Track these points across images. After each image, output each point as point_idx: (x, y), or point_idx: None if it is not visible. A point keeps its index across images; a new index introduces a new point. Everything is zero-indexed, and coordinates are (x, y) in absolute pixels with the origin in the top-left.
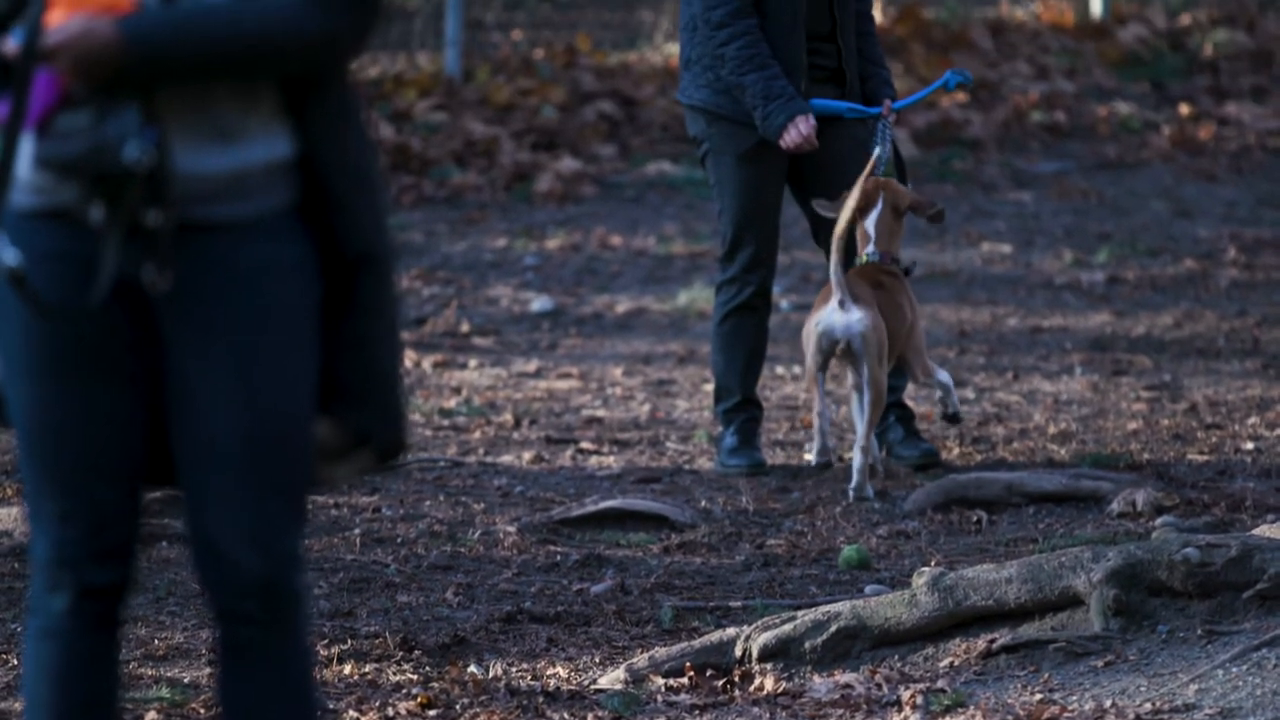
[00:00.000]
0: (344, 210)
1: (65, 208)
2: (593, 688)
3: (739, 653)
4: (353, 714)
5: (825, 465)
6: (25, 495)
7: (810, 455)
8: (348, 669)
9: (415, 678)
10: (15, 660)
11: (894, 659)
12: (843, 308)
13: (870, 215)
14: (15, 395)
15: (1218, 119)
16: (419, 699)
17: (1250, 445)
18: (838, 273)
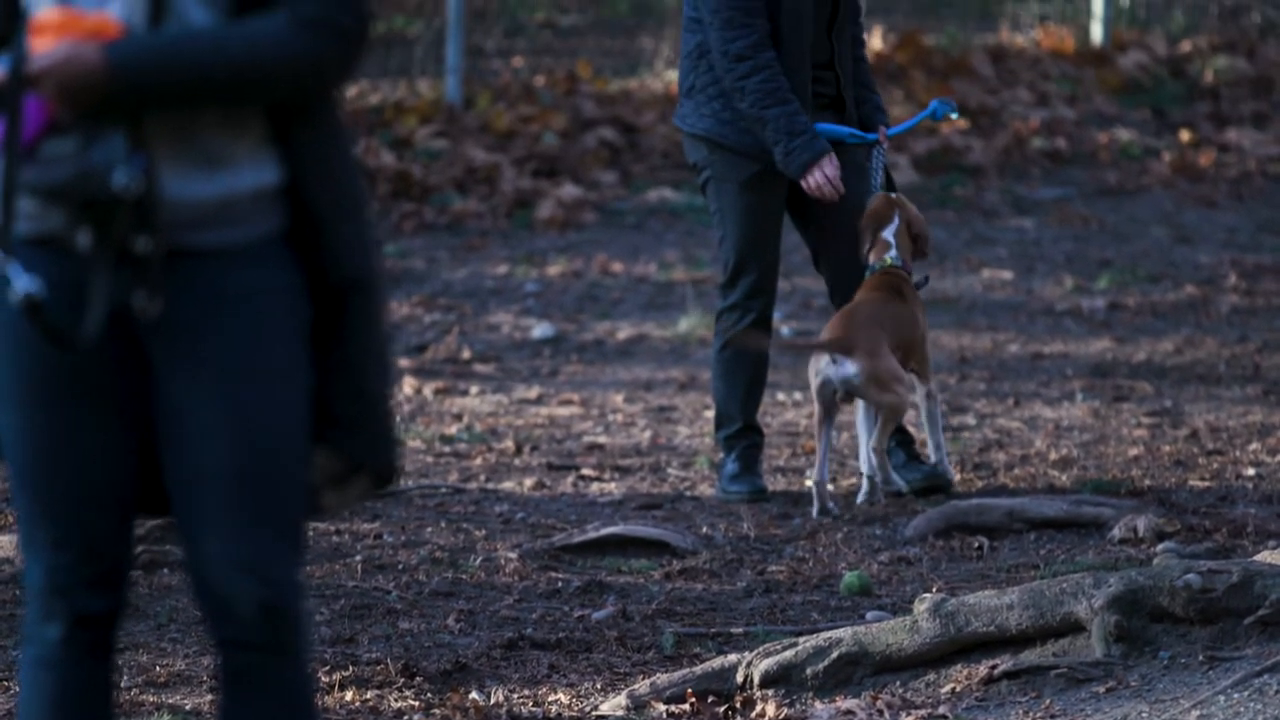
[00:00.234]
0: (331, 237)
1: (53, 234)
2: (594, 714)
3: (740, 679)
4: None
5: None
6: (19, 523)
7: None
8: (349, 695)
9: (417, 704)
10: (16, 687)
11: (896, 685)
12: (835, 363)
13: (889, 228)
14: (5, 423)
15: (1218, 145)
16: None
17: (1251, 471)
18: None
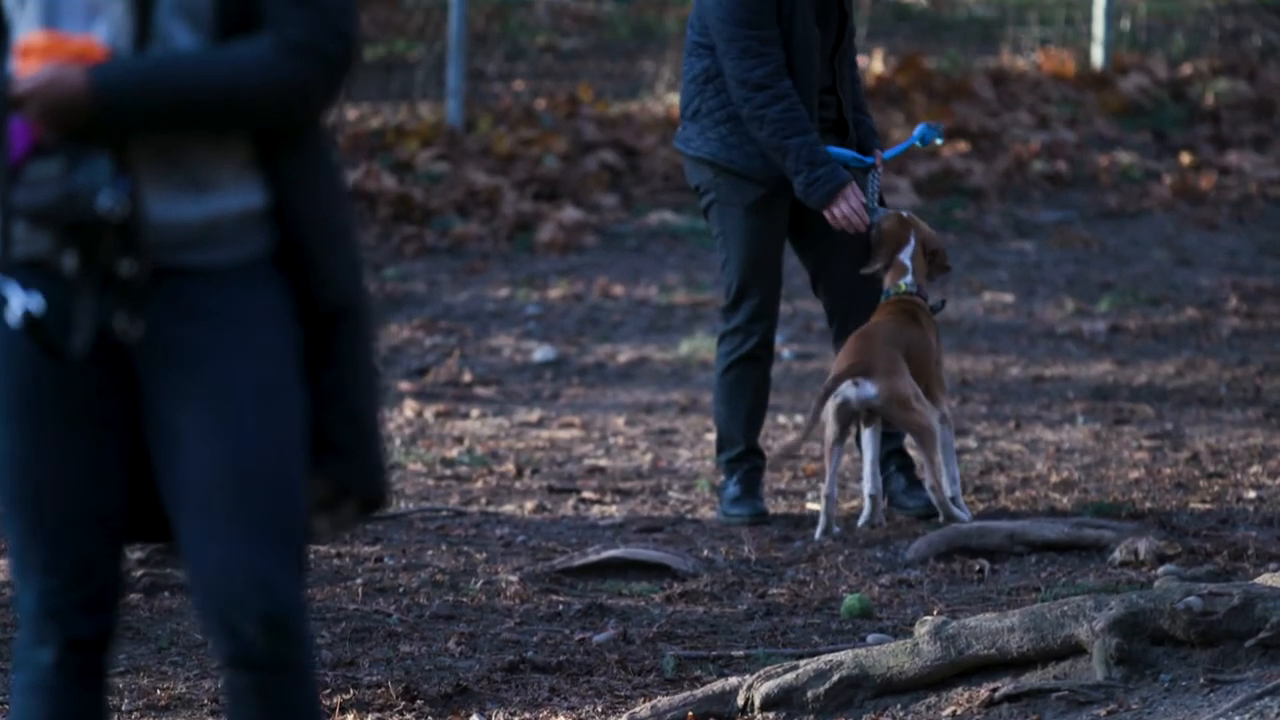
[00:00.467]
0: (319, 262)
1: (40, 257)
2: None
3: (741, 702)
4: None
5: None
6: (10, 548)
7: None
8: (350, 718)
9: None
10: (7, 712)
11: (896, 708)
12: (855, 384)
13: (905, 250)
14: None
15: (1219, 168)
16: None
17: (1252, 494)
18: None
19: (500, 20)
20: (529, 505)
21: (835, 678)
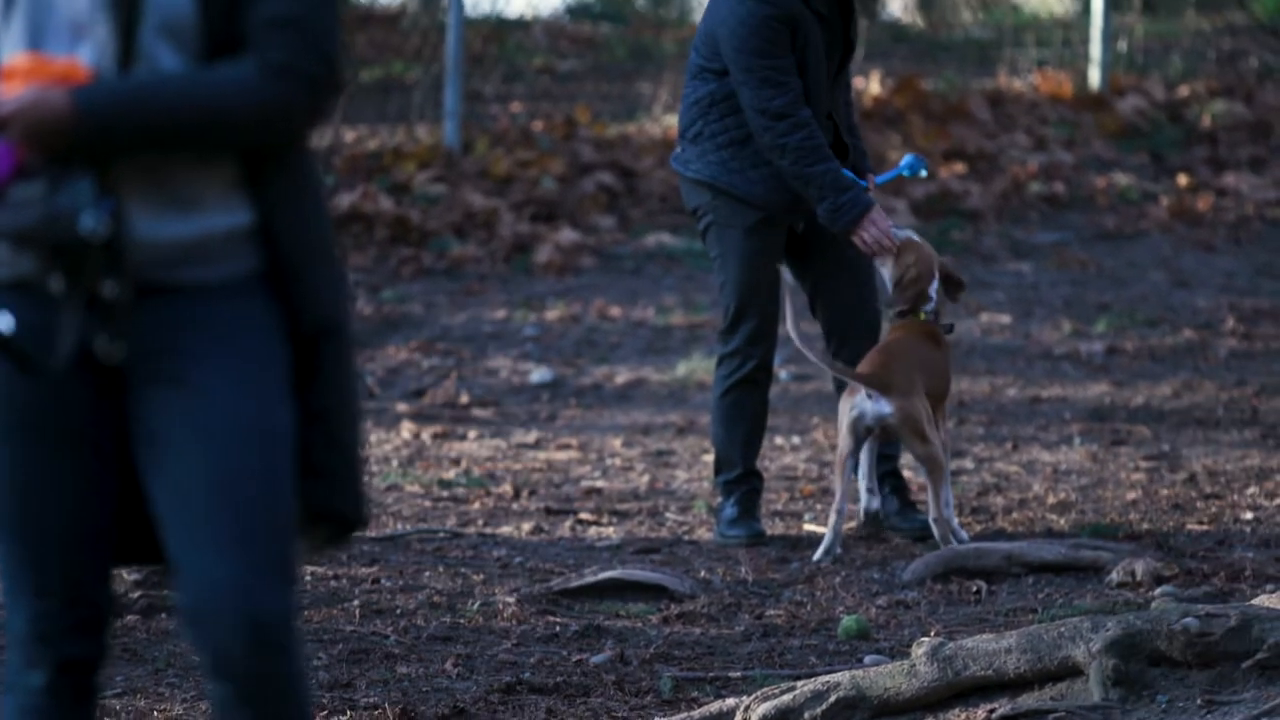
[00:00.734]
0: (302, 281)
1: (26, 278)
2: None
3: None
4: None
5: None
6: (1, 572)
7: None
8: None
9: None
10: None
11: None
12: (871, 398)
13: (933, 284)
14: None
15: (1216, 190)
16: None
17: (1249, 515)
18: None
19: (497, 42)
20: (526, 527)
21: (832, 699)
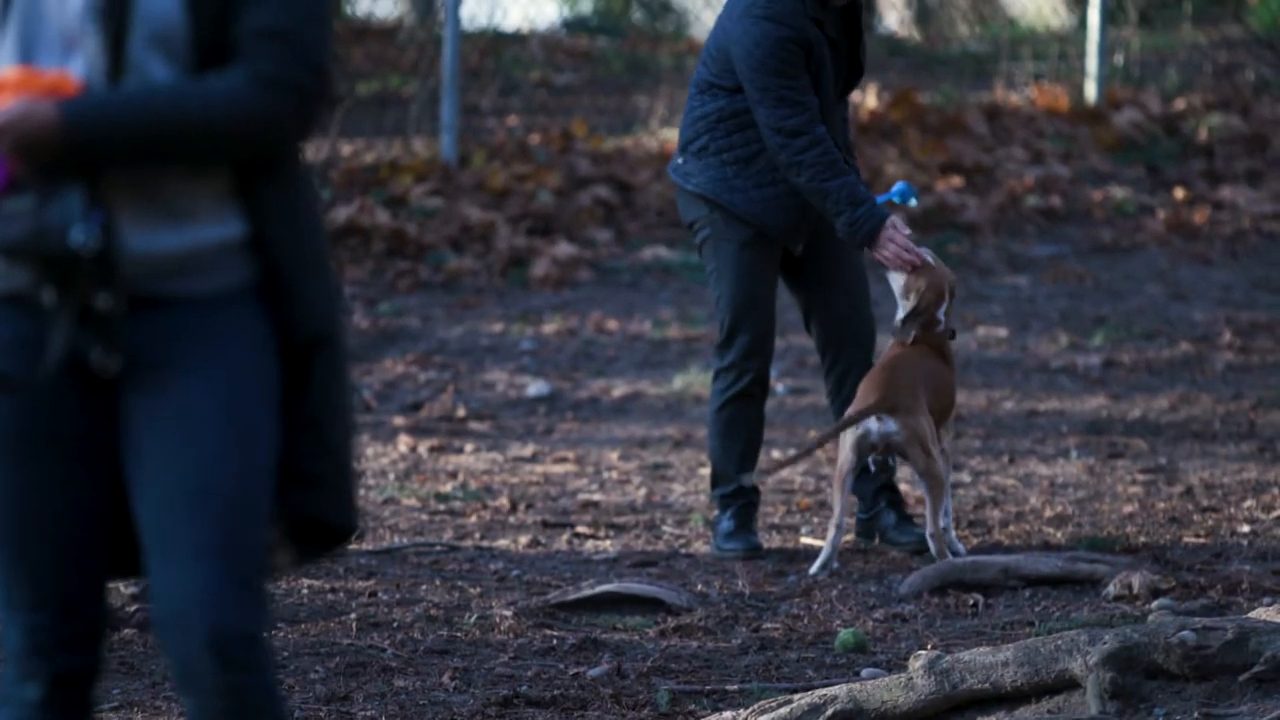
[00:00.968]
0: (295, 292)
1: (19, 291)
2: None
3: None
4: None
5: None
6: None
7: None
8: None
9: None
10: None
11: None
12: (879, 420)
13: (942, 307)
14: None
15: (1213, 203)
16: None
17: (1246, 528)
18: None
19: (494, 55)
20: (523, 540)
21: (829, 712)
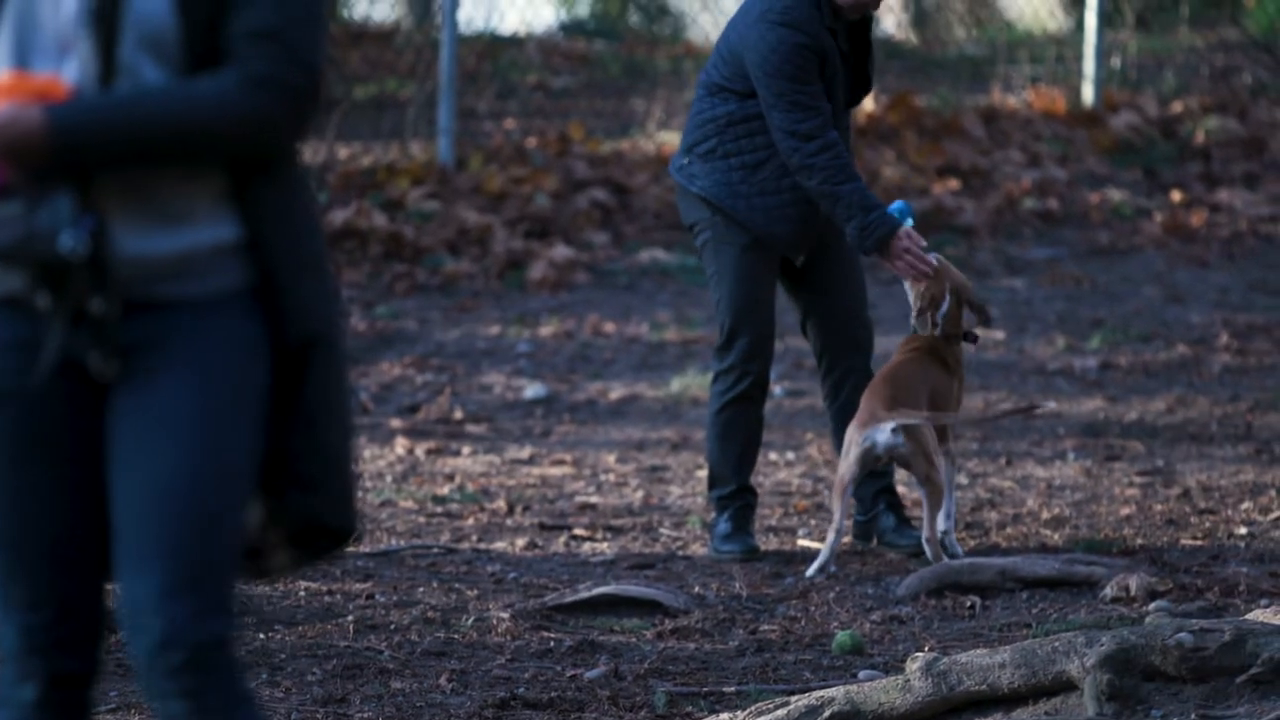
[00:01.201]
0: (290, 293)
1: (15, 295)
2: None
3: None
4: None
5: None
6: None
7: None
8: None
9: None
10: None
11: None
12: (884, 431)
13: (941, 308)
14: None
15: (1210, 205)
16: None
17: (1243, 530)
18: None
19: (491, 59)
20: (520, 542)
21: (827, 714)
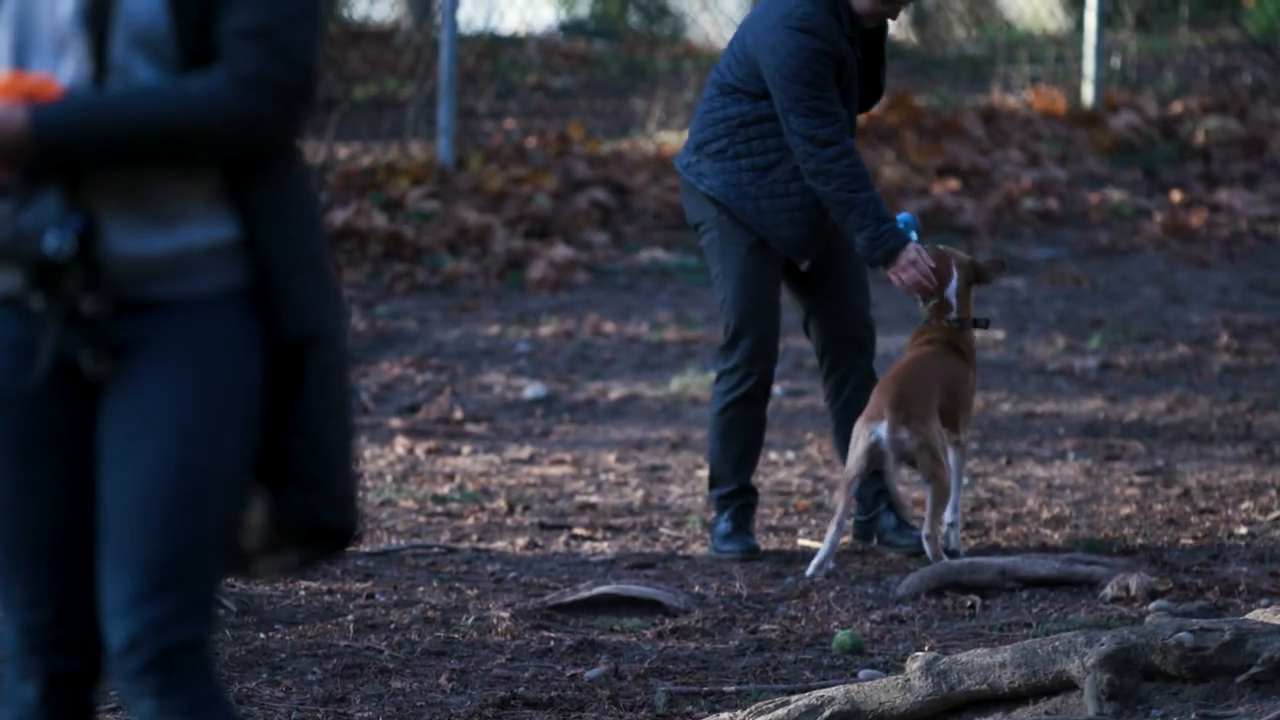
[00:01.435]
0: (285, 292)
1: (10, 295)
2: None
3: None
4: None
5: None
6: None
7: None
8: None
9: None
10: None
11: None
12: (890, 429)
13: (949, 287)
14: None
15: (1209, 205)
16: None
17: (1243, 530)
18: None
19: (491, 59)
20: (520, 542)
21: (827, 713)
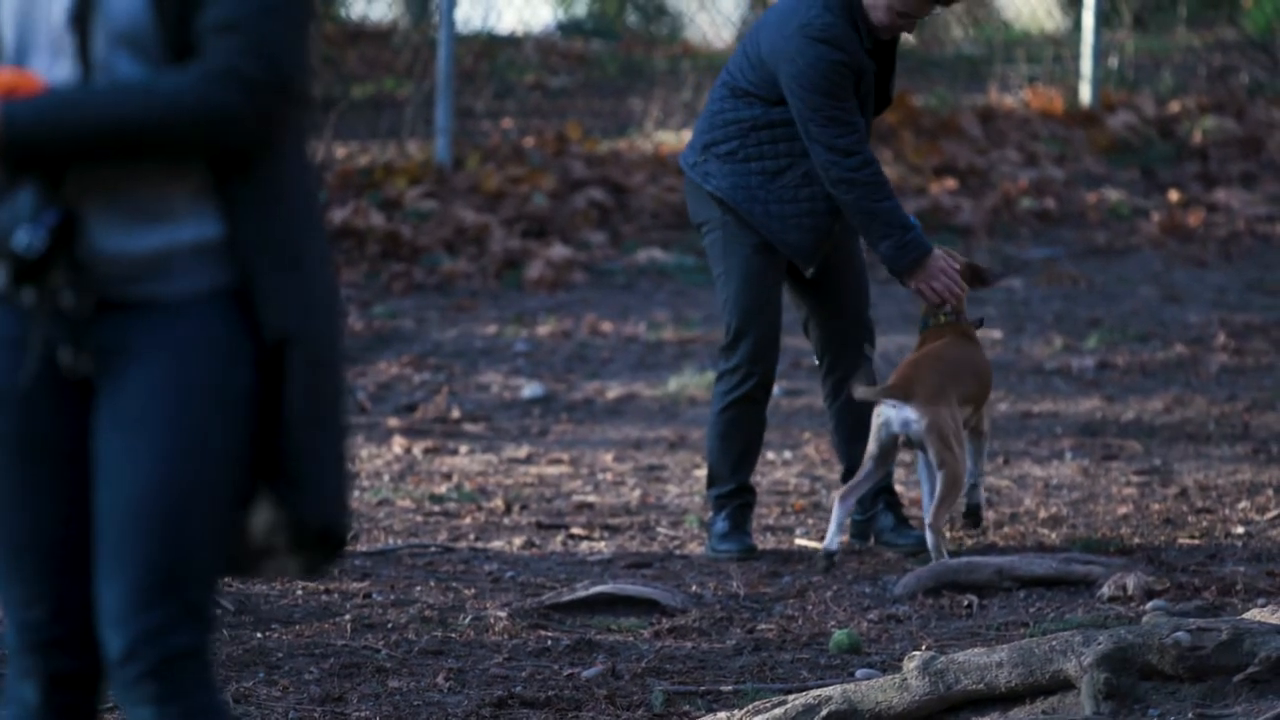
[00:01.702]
0: (263, 292)
1: (4, 293)
2: None
3: None
4: None
5: (830, 559)
6: None
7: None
8: None
9: None
10: None
11: None
12: (894, 408)
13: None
14: None
15: (1207, 205)
16: None
17: (1240, 529)
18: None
19: (488, 58)
20: (517, 541)
21: (824, 713)
